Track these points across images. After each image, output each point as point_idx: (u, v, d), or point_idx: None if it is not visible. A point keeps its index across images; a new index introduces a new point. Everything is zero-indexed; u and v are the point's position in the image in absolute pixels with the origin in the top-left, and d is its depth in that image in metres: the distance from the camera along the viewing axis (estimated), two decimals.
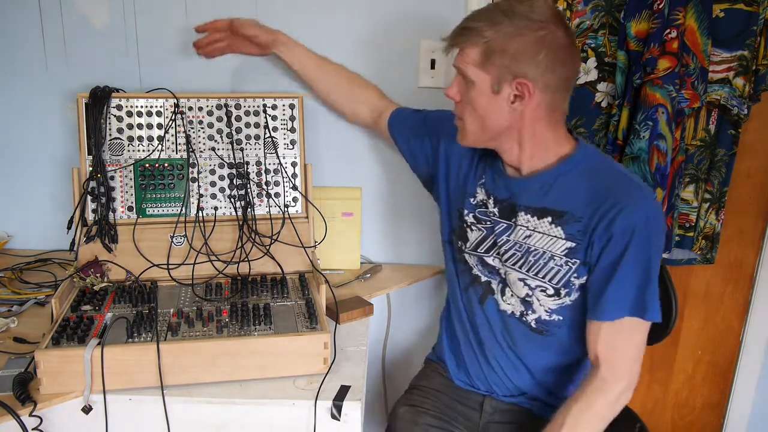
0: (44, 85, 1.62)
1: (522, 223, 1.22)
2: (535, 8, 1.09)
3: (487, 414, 1.36)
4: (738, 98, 1.57)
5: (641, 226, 1.09)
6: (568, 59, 1.12)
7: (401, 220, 1.75)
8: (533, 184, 1.20)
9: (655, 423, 2.01)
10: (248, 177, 1.45)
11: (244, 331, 1.18)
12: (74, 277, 1.34)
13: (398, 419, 1.37)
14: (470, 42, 1.12)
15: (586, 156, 1.18)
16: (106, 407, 1.11)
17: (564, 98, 1.16)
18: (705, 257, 1.72)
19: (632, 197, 1.11)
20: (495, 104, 1.13)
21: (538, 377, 1.30)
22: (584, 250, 1.15)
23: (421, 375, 1.49)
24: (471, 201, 1.31)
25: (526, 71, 1.09)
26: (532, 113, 1.13)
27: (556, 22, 1.09)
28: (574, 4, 1.56)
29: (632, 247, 1.09)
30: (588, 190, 1.15)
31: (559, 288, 1.19)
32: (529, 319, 1.25)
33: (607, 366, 1.14)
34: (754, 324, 1.86)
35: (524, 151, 1.19)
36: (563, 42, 1.10)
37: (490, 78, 1.12)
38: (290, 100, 1.48)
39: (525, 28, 1.08)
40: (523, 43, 1.08)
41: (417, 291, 1.81)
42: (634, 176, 1.17)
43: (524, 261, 1.22)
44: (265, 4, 1.57)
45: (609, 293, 1.12)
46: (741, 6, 1.51)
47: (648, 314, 1.11)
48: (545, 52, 1.08)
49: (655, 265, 1.12)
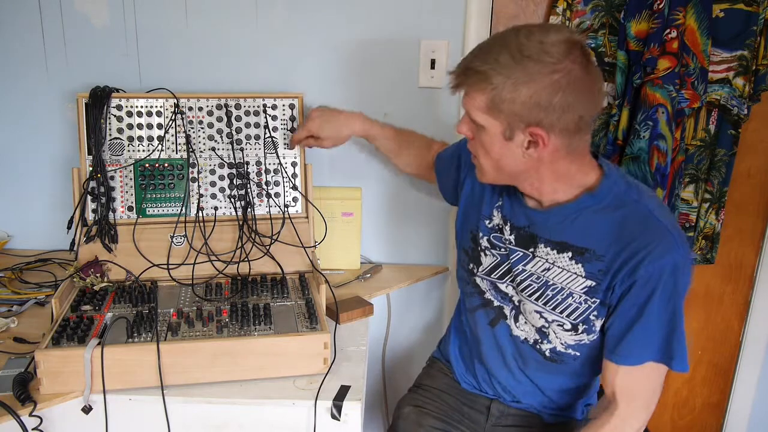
0: (44, 85, 1.62)
1: (541, 255, 1.15)
2: (547, 45, 0.97)
3: (494, 417, 1.34)
4: (738, 98, 1.57)
5: (668, 274, 1.03)
6: (588, 96, 1.01)
7: (401, 220, 1.75)
8: (554, 217, 1.13)
9: (655, 423, 2.01)
10: (248, 177, 1.45)
11: (244, 331, 1.18)
12: (74, 277, 1.33)
13: (403, 419, 1.36)
14: (476, 87, 1.02)
15: (612, 188, 1.09)
16: (106, 407, 1.11)
17: (587, 133, 1.06)
18: (705, 257, 1.72)
19: (658, 242, 1.03)
20: (509, 149, 1.05)
21: (549, 395, 1.28)
22: (604, 291, 1.09)
23: (426, 374, 1.47)
24: (486, 224, 1.25)
25: (540, 118, 0.99)
26: (551, 156, 1.05)
27: (572, 58, 0.98)
28: (574, 4, 1.56)
29: (658, 294, 1.04)
30: (612, 227, 1.07)
31: (577, 324, 1.14)
32: (543, 348, 1.21)
33: (624, 405, 1.10)
34: (754, 324, 1.86)
35: (545, 186, 1.11)
36: (581, 79, 0.98)
37: (500, 124, 1.02)
38: (290, 100, 1.48)
39: (537, 74, 0.97)
40: (535, 90, 0.97)
41: (417, 291, 1.81)
42: (663, 216, 1.07)
43: (542, 294, 1.16)
44: (265, 4, 1.57)
45: (631, 338, 1.07)
46: (741, 6, 1.51)
47: (675, 363, 1.07)
48: (560, 96, 0.97)
49: (681, 313, 1.06)
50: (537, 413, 1.31)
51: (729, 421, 1.96)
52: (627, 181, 1.12)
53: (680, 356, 1.07)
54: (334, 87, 1.63)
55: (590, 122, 1.05)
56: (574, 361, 1.20)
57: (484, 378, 1.34)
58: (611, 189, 1.10)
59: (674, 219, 1.11)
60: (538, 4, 1.62)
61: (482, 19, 1.58)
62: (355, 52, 1.60)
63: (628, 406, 1.10)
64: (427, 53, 1.60)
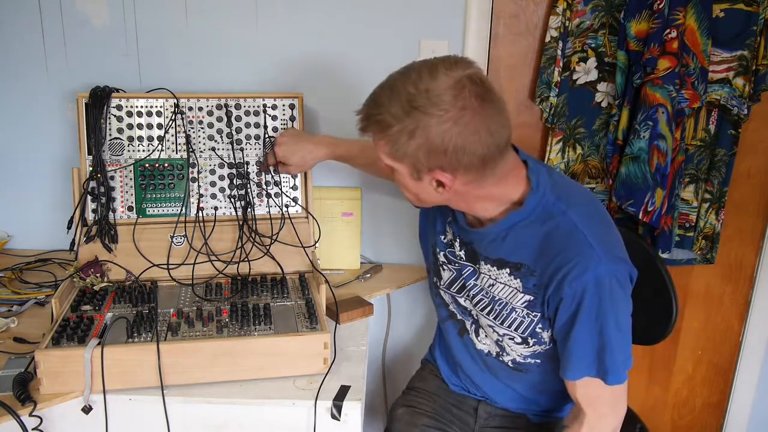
0: (44, 85, 1.62)
1: (485, 272, 1.17)
2: (432, 95, 0.96)
3: (481, 419, 1.36)
4: (738, 98, 1.57)
5: (591, 289, 1.02)
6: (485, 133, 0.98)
7: (401, 220, 1.75)
8: (487, 236, 1.14)
9: (655, 423, 2.01)
10: (248, 177, 1.45)
11: (244, 331, 1.18)
12: (74, 277, 1.33)
13: (396, 420, 1.38)
14: (377, 135, 1.03)
15: (540, 201, 1.09)
16: (106, 407, 1.11)
17: (500, 158, 1.03)
18: (705, 257, 1.72)
19: (580, 258, 1.03)
20: (422, 187, 1.06)
21: (528, 396, 1.29)
22: (540, 305, 1.10)
23: (418, 376, 1.49)
24: (442, 239, 1.27)
25: (440, 163, 0.99)
26: (464, 188, 1.05)
27: (460, 104, 0.96)
28: (574, 4, 1.56)
29: (583, 310, 1.04)
30: (539, 241, 1.08)
31: (526, 337, 1.16)
32: (505, 359, 1.23)
33: (591, 412, 1.10)
34: (754, 324, 1.86)
35: (474, 207, 1.12)
36: (475, 118, 0.97)
37: (406, 167, 1.03)
38: (290, 100, 1.48)
39: (426, 125, 0.96)
40: (427, 139, 0.97)
41: (417, 291, 1.81)
42: (588, 228, 1.05)
43: (491, 309, 1.18)
44: (265, 4, 1.57)
45: (568, 354, 1.08)
46: (741, 6, 1.51)
47: (609, 377, 1.06)
48: (454, 142, 0.96)
49: (613, 326, 1.04)
50: (523, 414, 1.33)
51: (729, 421, 1.96)
52: (558, 192, 1.10)
53: (614, 371, 1.06)
54: (334, 87, 1.62)
55: (499, 150, 1.02)
56: (538, 368, 1.21)
57: (467, 381, 1.36)
58: (539, 202, 1.09)
59: (605, 231, 1.08)
60: (538, 4, 1.62)
61: (482, 19, 1.59)
62: (354, 52, 1.60)
63: (595, 413, 1.10)
64: (427, 53, 1.60)
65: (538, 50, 1.64)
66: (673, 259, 1.70)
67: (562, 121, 1.63)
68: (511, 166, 1.08)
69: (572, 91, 1.62)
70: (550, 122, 1.63)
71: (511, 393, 1.30)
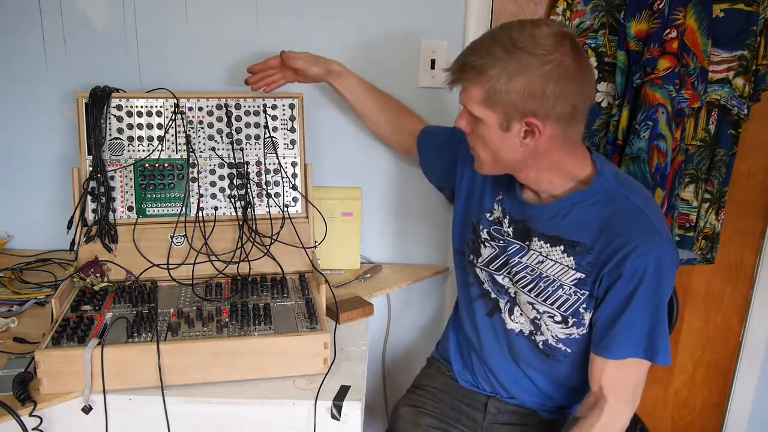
0: (44, 85, 1.62)
1: (536, 248, 1.19)
2: (538, 38, 1.01)
3: (491, 415, 1.35)
4: (738, 98, 1.56)
5: (652, 269, 1.06)
6: (580, 85, 1.04)
7: (401, 220, 1.75)
8: (547, 212, 1.16)
9: (655, 423, 2.01)
10: (248, 177, 1.45)
11: (244, 331, 1.18)
12: (74, 277, 1.33)
13: (400, 419, 1.37)
14: (472, 81, 1.06)
15: (603, 183, 1.13)
16: (106, 407, 1.11)
17: (580, 123, 1.10)
18: (705, 257, 1.72)
19: (645, 238, 1.06)
20: (506, 140, 1.08)
21: (543, 389, 1.29)
22: (592, 283, 1.12)
23: (424, 374, 1.48)
24: (488, 217, 1.28)
25: (535, 108, 1.03)
26: (547, 145, 1.08)
27: (563, 49, 1.02)
28: (574, 4, 1.56)
29: (642, 289, 1.07)
30: (601, 221, 1.11)
31: (567, 316, 1.17)
32: (538, 339, 1.23)
33: (613, 400, 1.12)
34: (754, 324, 1.86)
35: (542, 177, 1.14)
36: (573, 69, 1.03)
37: (497, 116, 1.06)
38: (290, 100, 1.48)
39: (528, 65, 1.01)
40: (528, 81, 1.01)
41: (417, 291, 1.81)
42: (652, 213, 1.09)
43: (535, 285, 1.20)
44: (265, 4, 1.57)
45: (616, 333, 1.10)
46: (741, 6, 1.51)
47: (659, 358, 1.09)
48: (553, 86, 1.01)
49: (663, 309, 1.09)
50: (534, 410, 1.32)
51: (729, 421, 1.96)
52: (619, 179, 1.14)
53: (664, 351, 1.10)
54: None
55: (584, 111, 1.08)
56: (566, 358, 1.21)
57: (481, 372, 1.36)
58: (602, 185, 1.13)
59: (663, 218, 1.13)
60: (538, 3, 1.62)
61: (482, 19, 1.59)
62: (354, 52, 1.60)
63: (617, 401, 1.12)
64: (427, 53, 1.60)
65: None
66: None
67: None
68: (581, 141, 1.14)
69: None
70: None
71: (528, 384, 1.29)
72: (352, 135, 1.67)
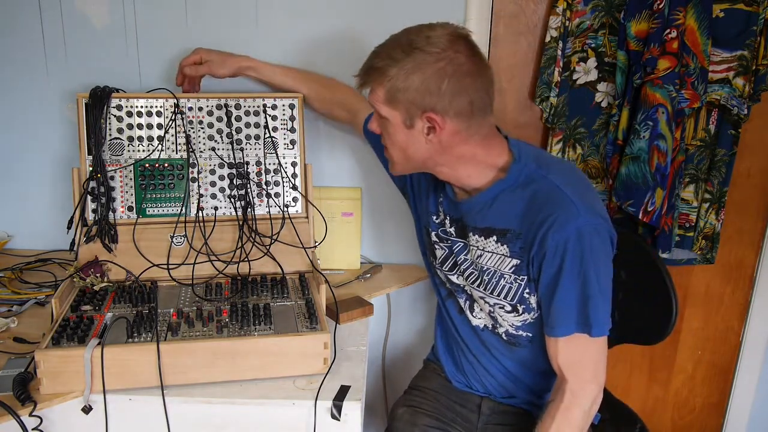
0: (44, 85, 1.62)
1: (473, 243, 1.23)
2: (433, 38, 1.07)
3: (485, 415, 1.36)
4: (738, 98, 1.57)
5: (573, 241, 1.08)
6: (475, 81, 1.09)
7: (401, 220, 1.75)
8: (476, 205, 1.20)
9: (655, 423, 2.01)
10: (248, 177, 1.45)
11: (244, 331, 1.18)
12: (74, 277, 1.33)
13: (397, 420, 1.38)
14: (376, 82, 1.11)
15: (522, 169, 1.16)
16: (106, 407, 1.11)
17: (483, 116, 1.13)
18: (705, 257, 1.72)
19: (561, 212, 1.09)
20: (412, 137, 1.13)
21: (516, 374, 1.31)
22: (527, 266, 1.15)
23: (421, 376, 1.49)
24: (434, 219, 1.32)
25: (433, 104, 1.08)
26: (451, 140, 1.12)
27: (455, 48, 1.07)
28: (574, 4, 1.56)
29: (567, 262, 1.09)
30: (523, 204, 1.14)
31: (515, 304, 1.20)
32: (499, 331, 1.27)
33: (572, 379, 1.14)
34: (754, 324, 1.86)
35: (457, 172, 1.18)
36: (467, 66, 1.08)
37: (400, 114, 1.11)
38: (290, 100, 1.48)
39: (423, 62, 1.06)
40: (424, 77, 1.07)
41: (417, 291, 1.81)
42: (570, 188, 1.12)
43: (480, 280, 1.24)
44: (265, 4, 1.57)
45: (554, 310, 1.13)
46: (741, 6, 1.51)
47: (594, 330, 1.10)
48: (447, 82, 1.06)
49: (594, 280, 1.09)
50: (525, 409, 1.33)
51: (729, 421, 1.96)
52: (539, 161, 1.17)
53: (597, 323, 1.10)
54: None
55: (483, 107, 1.12)
56: (530, 343, 1.24)
57: (472, 373, 1.37)
58: (521, 170, 1.16)
59: (588, 192, 1.15)
60: (538, 3, 1.62)
61: (482, 19, 1.59)
62: (354, 52, 1.60)
63: (576, 380, 1.13)
64: None
65: (538, 50, 1.64)
66: (673, 259, 1.70)
67: (562, 121, 1.63)
68: (494, 133, 1.18)
69: (572, 91, 1.63)
70: (550, 122, 1.63)
71: (502, 370, 1.32)
72: (352, 135, 1.67)
